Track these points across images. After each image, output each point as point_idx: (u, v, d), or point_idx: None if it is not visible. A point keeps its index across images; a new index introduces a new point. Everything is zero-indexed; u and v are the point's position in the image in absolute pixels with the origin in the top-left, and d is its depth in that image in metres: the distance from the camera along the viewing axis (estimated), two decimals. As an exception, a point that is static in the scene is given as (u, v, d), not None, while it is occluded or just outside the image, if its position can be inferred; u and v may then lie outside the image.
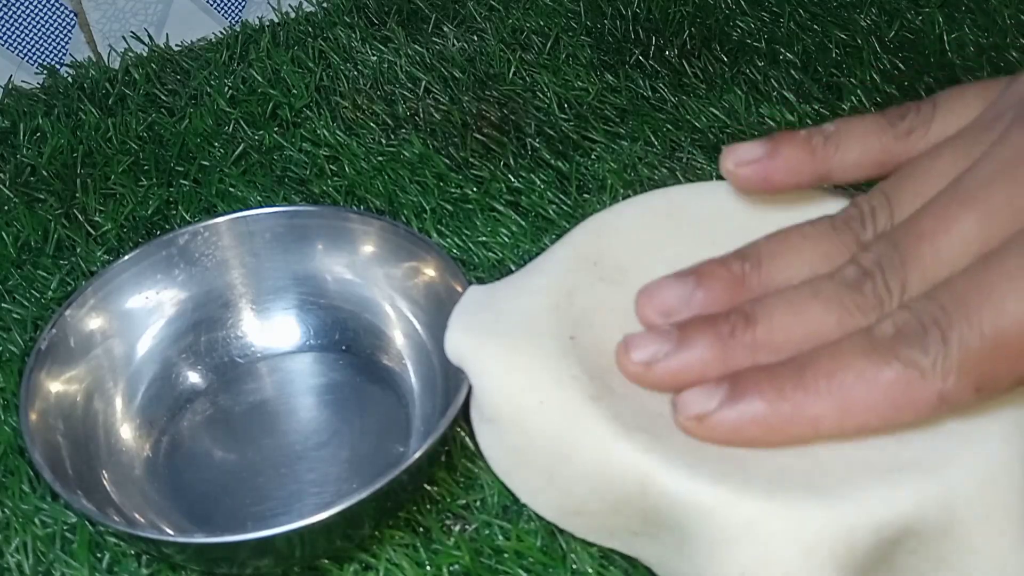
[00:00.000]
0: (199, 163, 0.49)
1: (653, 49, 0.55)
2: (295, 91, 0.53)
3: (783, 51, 0.54)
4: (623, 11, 0.57)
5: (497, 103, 0.52)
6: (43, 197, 0.47)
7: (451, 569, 0.33)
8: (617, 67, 0.53)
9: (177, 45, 0.58)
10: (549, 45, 0.55)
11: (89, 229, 0.46)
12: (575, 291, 0.34)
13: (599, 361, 0.32)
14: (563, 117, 0.50)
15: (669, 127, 0.49)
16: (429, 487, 0.35)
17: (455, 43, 0.56)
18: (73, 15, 0.55)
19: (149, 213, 0.46)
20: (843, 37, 0.55)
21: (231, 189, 0.47)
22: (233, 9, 0.59)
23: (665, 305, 0.32)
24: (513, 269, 0.42)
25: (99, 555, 0.34)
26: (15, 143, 0.51)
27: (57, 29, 0.55)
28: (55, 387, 0.35)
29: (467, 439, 0.35)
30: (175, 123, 0.51)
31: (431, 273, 0.38)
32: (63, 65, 0.56)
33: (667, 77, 0.53)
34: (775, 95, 0.51)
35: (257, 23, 0.59)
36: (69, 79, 0.55)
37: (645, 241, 0.36)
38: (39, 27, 0.54)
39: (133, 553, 0.34)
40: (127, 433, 0.37)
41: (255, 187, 0.47)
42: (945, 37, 0.54)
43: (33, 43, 0.55)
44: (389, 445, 0.36)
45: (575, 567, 0.32)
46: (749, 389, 0.29)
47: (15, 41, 0.54)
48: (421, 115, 0.51)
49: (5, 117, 0.52)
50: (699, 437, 0.30)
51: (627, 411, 0.30)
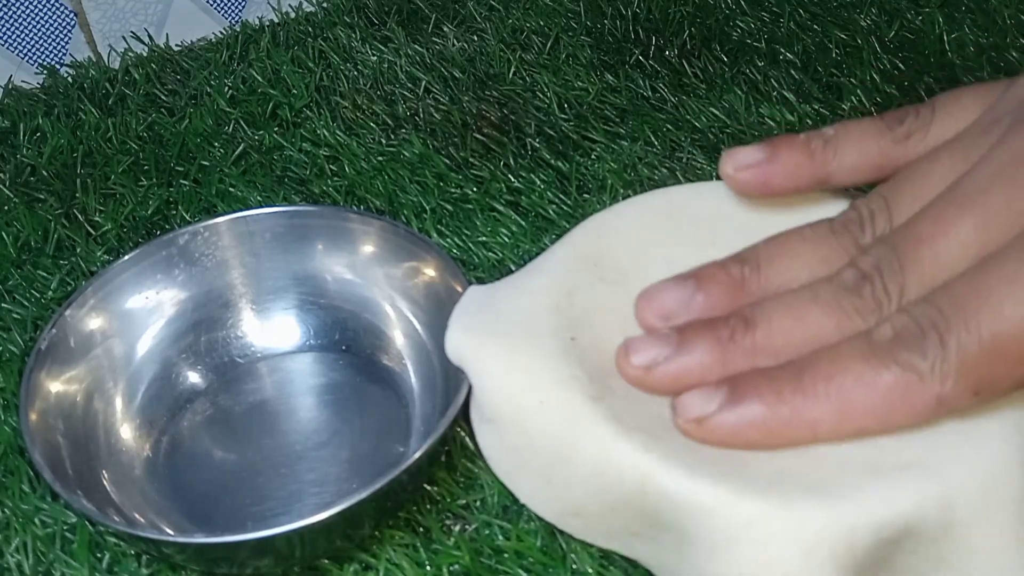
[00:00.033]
0: (199, 163, 0.49)
1: (653, 49, 0.55)
2: (295, 91, 0.53)
3: (783, 51, 0.54)
4: (623, 11, 0.57)
5: (497, 103, 0.52)
6: (43, 197, 0.47)
7: (451, 569, 0.33)
8: (617, 67, 0.53)
9: (177, 45, 0.58)
10: (549, 45, 0.55)
11: (89, 229, 0.46)
12: (575, 291, 0.34)
13: (599, 362, 0.32)
14: (563, 117, 0.50)
15: (669, 127, 0.49)
16: (429, 487, 0.35)
17: (455, 43, 0.56)
18: (73, 15, 0.55)
19: (149, 213, 0.46)
20: (843, 37, 0.55)
21: (231, 189, 0.47)
22: (233, 9, 0.59)
23: (665, 309, 0.32)
24: (513, 269, 0.42)
25: (99, 555, 0.34)
26: (15, 143, 0.51)
27: (57, 29, 0.55)
28: (55, 387, 0.35)
29: (467, 439, 0.35)
30: (175, 123, 0.51)
31: (431, 273, 0.38)
32: (63, 65, 0.56)
33: (667, 77, 0.53)
34: (775, 95, 0.51)
35: (257, 23, 0.59)
36: (69, 79, 0.55)
37: (645, 241, 0.36)
38: (39, 27, 0.54)
39: (133, 553, 0.34)
40: (127, 433, 0.37)
41: (255, 187, 0.47)
42: (945, 37, 0.54)
43: (33, 43, 0.55)
44: (389, 445, 0.36)
45: (575, 567, 0.32)
46: (748, 392, 0.29)
47: (15, 41, 0.54)
48: (421, 115, 0.51)
49: (5, 117, 0.52)
50: (698, 440, 0.30)
51: (627, 412, 0.30)
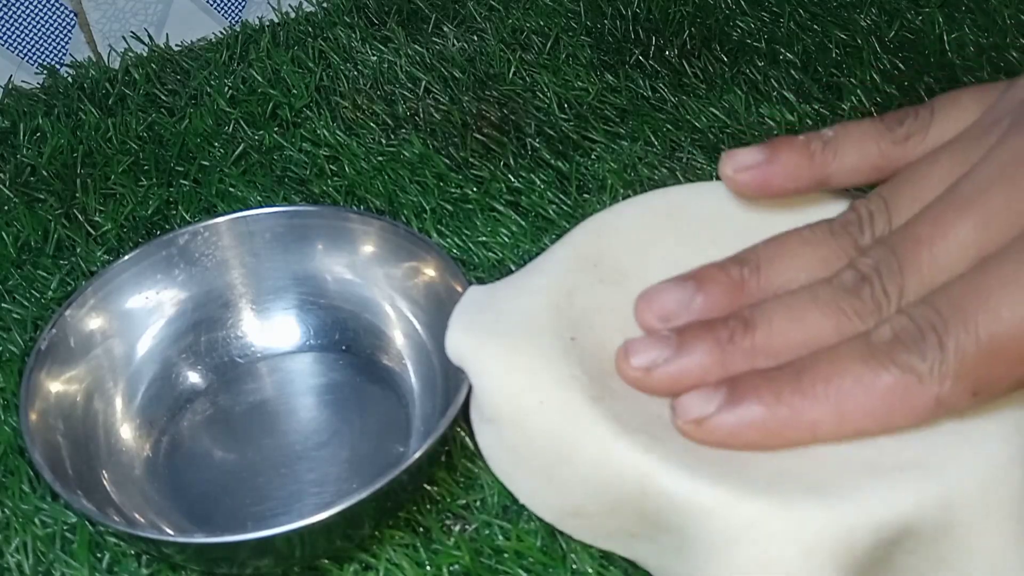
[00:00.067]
0: (199, 163, 0.49)
1: (653, 49, 0.55)
2: (295, 91, 0.53)
3: (783, 51, 0.54)
4: (623, 11, 0.57)
5: (497, 103, 0.52)
6: (43, 197, 0.47)
7: (451, 569, 0.33)
8: (617, 67, 0.53)
9: (177, 45, 0.58)
10: (549, 45, 0.55)
11: (89, 229, 0.46)
12: (575, 291, 0.34)
13: (599, 362, 0.32)
14: (563, 117, 0.50)
15: (669, 127, 0.49)
16: (429, 487, 0.35)
17: (455, 43, 0.56)
18: (73, 15, 0.55)
19: (149, 213, 0.46)
20: (843, 37, 0.55)
21: (231, 189, 0.47)
22: (233, 9, 0.59)
23: (664, 310, 0.32)
24: (513, 269, 0.42)
25: (99, 555, 0.34)
26: (15, 143, 0.51)
27: (57, 29, 0.55)
28: (55, 387, 0.35)
29: (467, 439, 0.35)
30: (175, 123, 0.51)
31: (431, 273, 0.38)
32: (63, 65, 0.56)
33: (667, 77, 0.53)
34: (775, 95, 0.51)
35: (257, 23, 0.59)
36: (69, 79, 0.55)
37: (645, 241, 0.36)
38: (39, 27, 0.54)
39: (133, 553, 0.34)
40: (127, 433, 0.37)
41: (255, 187, 0.47)
42: (945, 37, 0.54)
43: (33, 43, 0.55)
44: (389, 445, 0.36)
45: (575, 567, 0.32)
46: (747, 393, 0.29)
47: (15, 41, 0.54)
48: (421, 115, 0.51)
49: (5, 117, 0.52)
50: (697, 441, 0.30)
51: (627, 412, 0.30)
